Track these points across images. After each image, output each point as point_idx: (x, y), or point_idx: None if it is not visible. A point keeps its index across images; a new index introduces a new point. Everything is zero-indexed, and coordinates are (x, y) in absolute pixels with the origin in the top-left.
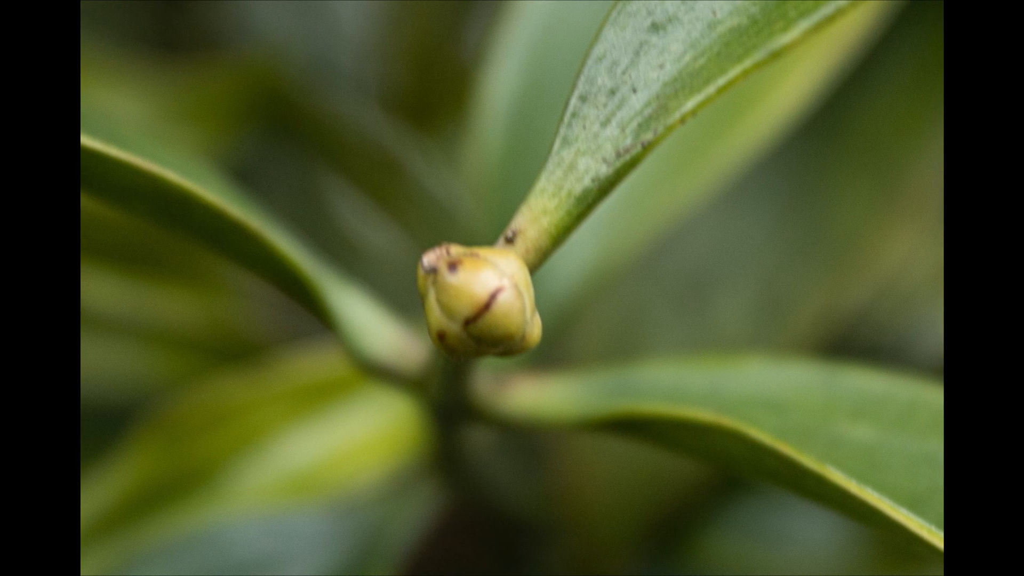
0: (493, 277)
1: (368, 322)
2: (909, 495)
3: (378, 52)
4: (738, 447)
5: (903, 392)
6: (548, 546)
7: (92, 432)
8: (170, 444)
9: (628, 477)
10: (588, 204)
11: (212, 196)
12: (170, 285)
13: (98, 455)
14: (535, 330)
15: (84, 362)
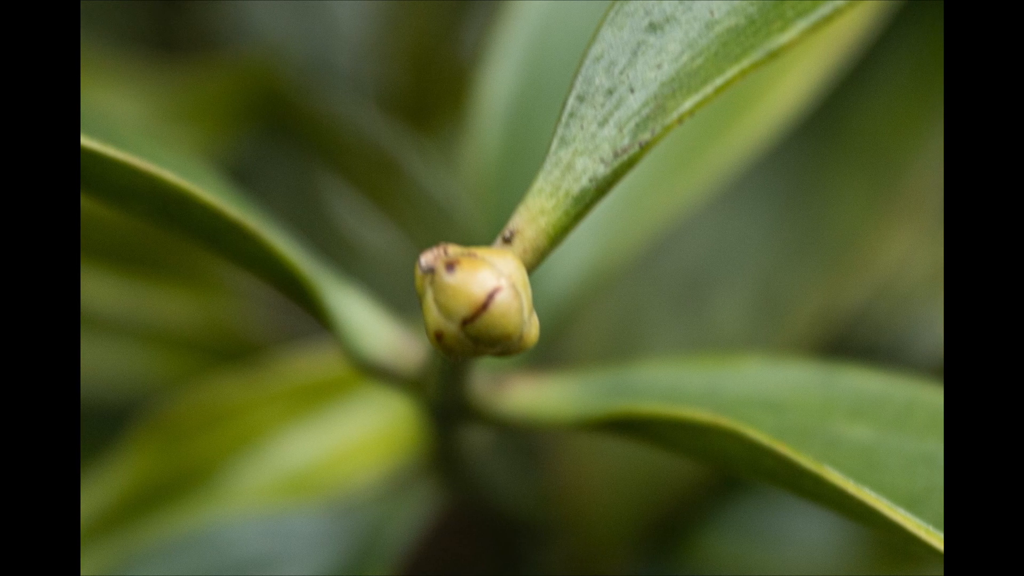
0: (491, 277)
1: (366, 322)
2: (907, 495)
3: (376, 52)
4: (736, 447)
5: (901, 392)
6: (546, 546)
7: (90, 432)
8: (168, 444)
9: (626, 477)
10: (586, 204)
11: (210, 196)
12: (168, 285)
13: (96, 455)
14: (533, 330)
15: (82, 362)
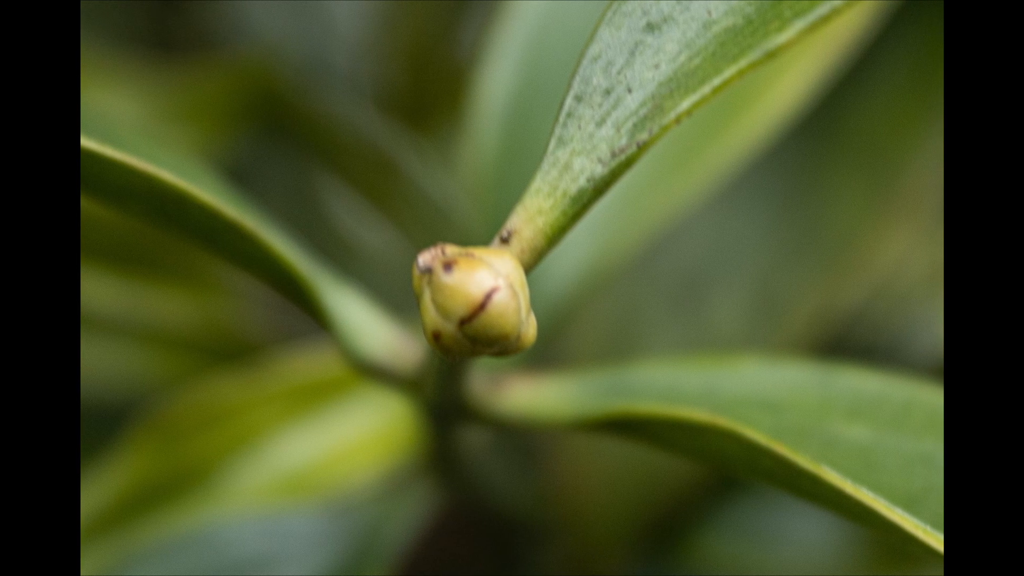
0: (488, 277)
1: (363, 322)
2: (905, 495)
3: (373, 52)
4: (733, 447)
5: (898, 392)
6: (543, 546)
7: (87, 432)
8: (165, 444)
9: (623, 477)
10: (583, 204)
11: (207, 196)
12: (165, 285)
13: (94, 455)
14: (530, 330)
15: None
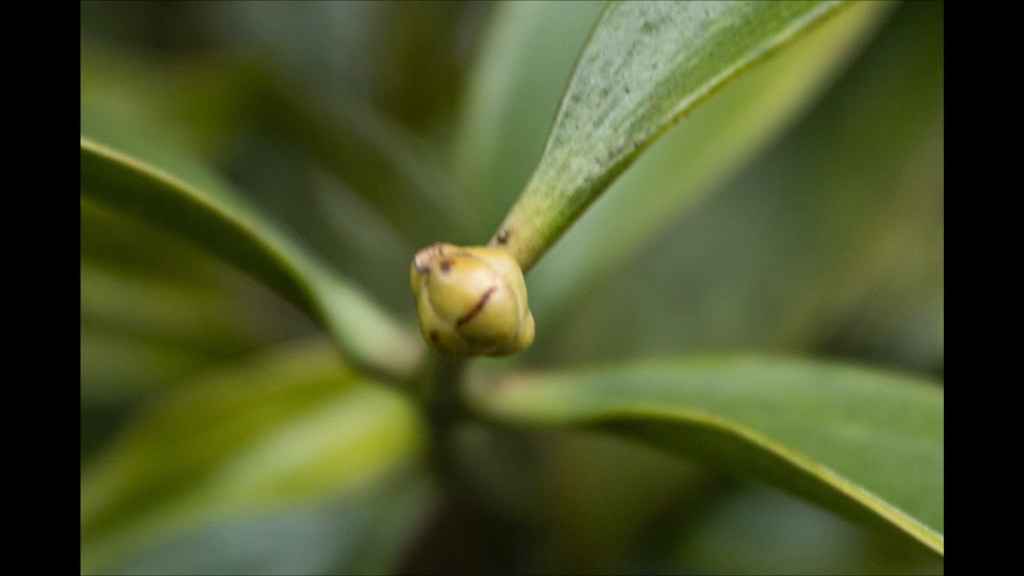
0: (486, 277)
1: (361, 322)
2: (902, 495)
3: (371, 52)
4: (731, 447)
5: (896, 392)
6: (541, 546)
7: (85, 432)
8: (163, 444)
9: (621, 477)
10: (581, 204)
11: (205, 196)
12: (163, 285)
13: (91, 455)
14: (528, 330)
15: None
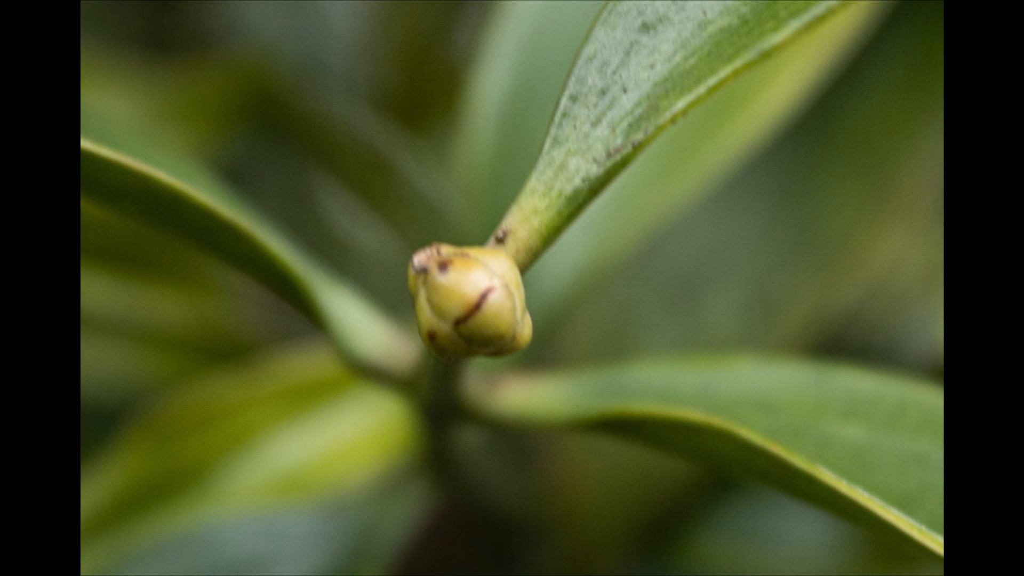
0: (484, 277)
1: (358, 322)
2: (900, 495)
3: (368, 52)
4: (729, 447)
5: (894, 392)
6: (539, 546)
7: (83, 432)
8: (160, 444)
9: (619, 477)
10: (578, 204)
11: (202, 196)
12: (161, 285)
13: (89, 455)
14: (526, 330)
15: None
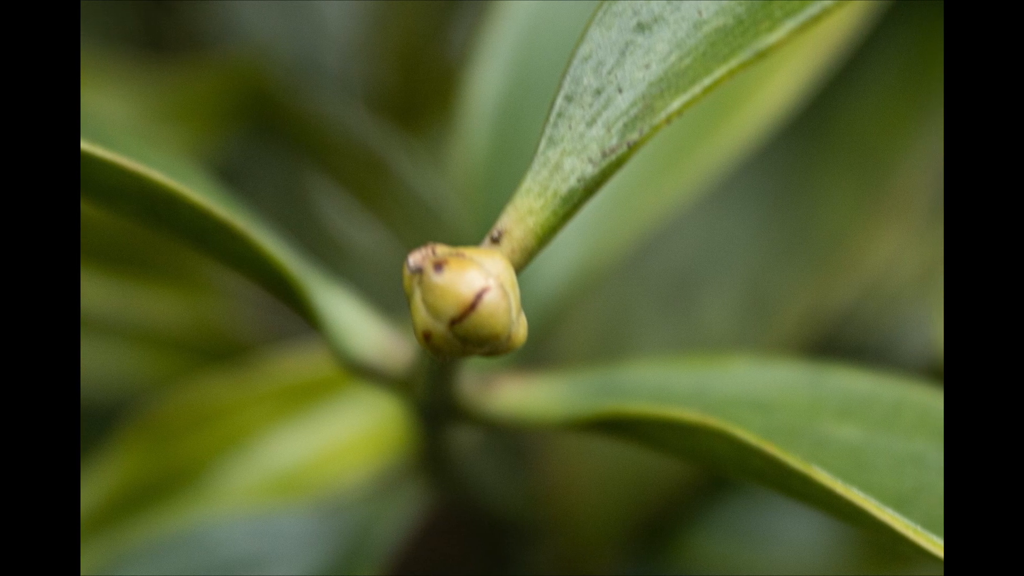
0: (479, 277)
1: (354, 322)
2: (895, 495)
3: (364, 52)
4: (724, 447)
5: (889, 392)
6: (534, 546)
7: None
8: (156, 444)
9: (614, 477)
10: (574, 204)
11: (198, 196)
12: (156, 285)
13: (84, 455)
14: (521, 330)
15: None
